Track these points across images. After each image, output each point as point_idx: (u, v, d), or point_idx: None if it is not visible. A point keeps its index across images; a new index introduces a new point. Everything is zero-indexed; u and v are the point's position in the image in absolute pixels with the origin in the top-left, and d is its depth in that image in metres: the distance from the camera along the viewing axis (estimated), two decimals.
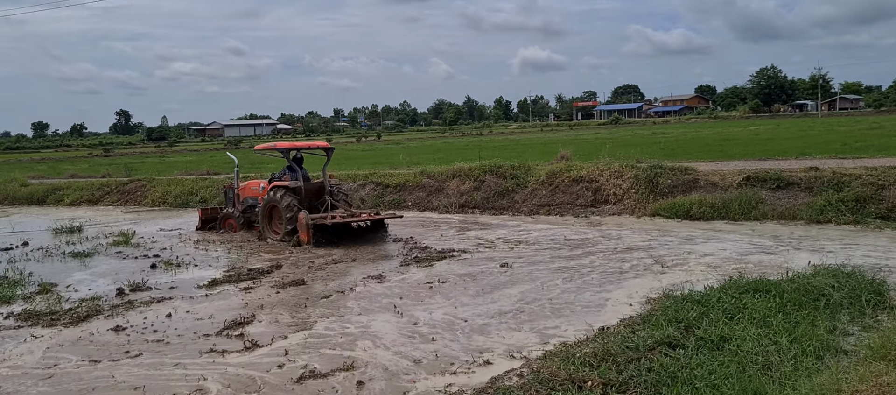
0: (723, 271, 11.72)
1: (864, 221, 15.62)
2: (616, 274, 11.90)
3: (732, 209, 17.21)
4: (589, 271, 12.26)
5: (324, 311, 10.29)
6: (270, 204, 16.58)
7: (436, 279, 12.07)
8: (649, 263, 12.62)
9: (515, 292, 11.07)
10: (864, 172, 17.13)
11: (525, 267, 12.90)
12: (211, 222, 18.88)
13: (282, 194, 16.29)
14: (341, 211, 16.62)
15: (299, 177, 16.73)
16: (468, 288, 11.45)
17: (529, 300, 10.53)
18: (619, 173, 19.87)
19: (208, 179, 27.37)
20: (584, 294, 10.78)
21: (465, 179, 21.98)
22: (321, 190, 17.07)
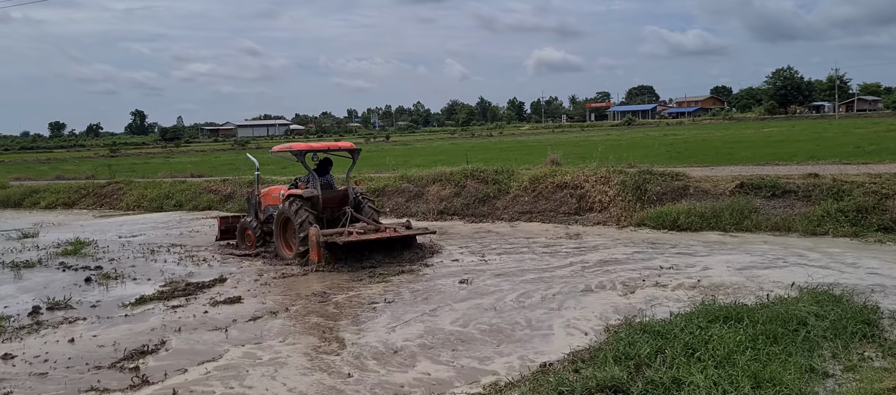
0: (699, 291, 10.54)
1: (864, 233, 14.36)
2: (578, 294, 10.75)
3: (723, 219, 15.98)
4: (550, 288, 11.12)
5: (243, 335, 9.25)
6: (283, 216, 14.47)
7: (386, 297, 11.03)
8: (620, 281, 11.44)
9: (465, 311, 10.03)
10: (868, 179, 15.85)
11: (487, 281, 11.84)
12: (231, 232, 16.69)
13: (295, 206, 14.05)
14: (363, 225, 14.13)
15: (316, 183, 14.45)
16: (416, 307, 10.43)
17: (477, 322, 9.49)
18: (606, 179, 18.67)
19: (186, 182, 26.37)
20: (538, 315, 9.68)
21: (445, 184, 20.89)
22: (343, 200, 14.75)
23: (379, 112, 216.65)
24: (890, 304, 9.51)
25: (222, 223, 16.88)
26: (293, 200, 14.15)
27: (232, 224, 16.77)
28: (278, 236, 14.63)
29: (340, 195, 14.75)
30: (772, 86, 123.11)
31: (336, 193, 14.78)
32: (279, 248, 14.57)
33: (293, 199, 14.17)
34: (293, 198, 14.20)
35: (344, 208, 14.55)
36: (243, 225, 16.03)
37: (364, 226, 14.03)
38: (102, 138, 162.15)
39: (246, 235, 15.94)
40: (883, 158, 22.27)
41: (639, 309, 9.66)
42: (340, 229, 13.78)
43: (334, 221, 14.50)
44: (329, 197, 14.54)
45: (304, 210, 13.93)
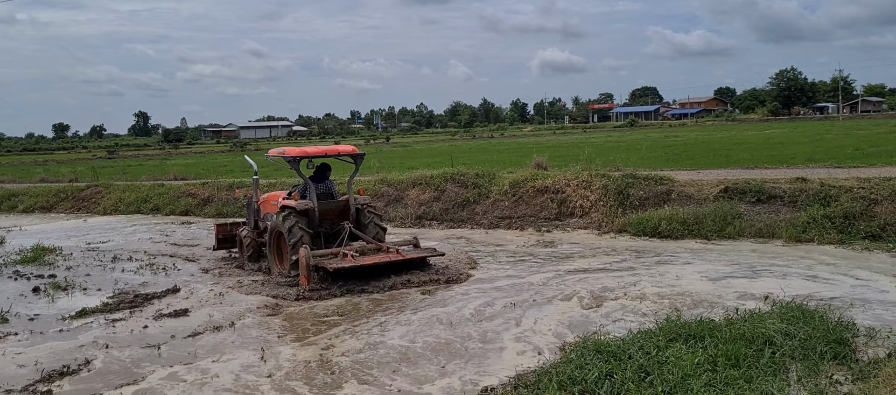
0: (667, 304, 9.94)
1: (850, 240, 13.74)
2: (540, 307, 10.17)
3: (705, 226, 15.35)
4: (513, 300, 10.52)
5: (176, 353, 8.70)
6: (276, 231, 12.77)
7: (342, 308, 10.50)
8: (588, 293, 10.83)
9: (419, 324, 9.53)
10: (856, 183, 15.21)
11: (449, 292, 11.25)
12: (230, 241, 15.13)
13: (289, 221, 12.29)
14: (362, 244, 12.60)
15: (312, 193, 12.76)
16: (370, 319, 9.89)
17: (428, 336, 8.95)
18: (588, 184, 18.05)
19: (165, 185, 25.83)
20: (494, 328, 9.14)
21: (425, 189, 20.30)
22: (344, 211, 13.06)
23: (382, 113, 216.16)
24: (868, 319, 8.91)
25: (220, 231, 15.24)
26: (287, 213, 12.45)
27: (231, 232, 15.15)
28: (271, 249, 13.00)
29: (341, 206, 13.06)
30: (775, 87, 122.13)
31: (336, 203, 13.06)
32: (271, 262, 13.02)
33: (287, 212, 12.46)
34: (287, 211, 12.50)
35: (342, 223, 12.88)
36: (239, 236, 14.42)
37: (363, 245, 12.51)
38: (105, 140, 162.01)
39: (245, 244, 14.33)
40: (881, 162, 21.61)
41: (600, 325, 9.09)
42: (334, 250, 12.19)
43: (332, 237, 12.93)
44: (327, 208, 12.88)
45: (299, 227, 12.19)
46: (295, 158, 12.83)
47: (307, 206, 12.56)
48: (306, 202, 12.59)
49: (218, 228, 15.31)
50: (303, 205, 12.53)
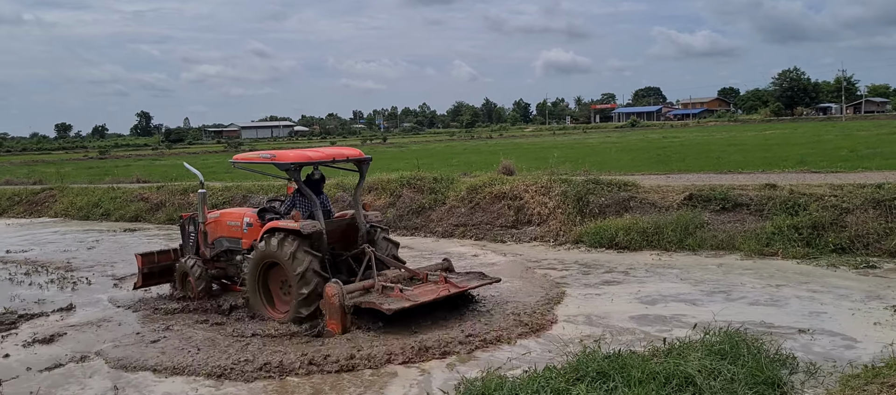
0: (589, 332, 8.79)
1: (816, 255, 12.57)
2: (446, 334, 8.99)
3: (665, 236, 14.20)
4: (419, 326, 9.35)
5: (12, 391, 7.61)
6: (267, 259, 9.70)
7: (221, 330, 9.42)
8: (508, 317, 9.65)
9: (302, 349, 8.43)
10: (829, 191, 14.01)
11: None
12: (161, 276, 11.87)
13: (291, 247, 9.27)
14: (397, 272, 9.98)
15: (317, 210, 9.79)
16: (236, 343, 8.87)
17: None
18: (546, 189, 16.91)
19: (119, 189, 24.76)
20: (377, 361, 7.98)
21: (381, 194, 19.21)
22: (350, 232, 10.24)
23: (385, 114, 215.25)
24: (815, 350, 7.79)
25: (145, 263, 11.70)
26: (284, 237, 9.36)
27: (160, 264, 11.83)
28: (256, 289, 9.92)
29: (344, 226, 10.21)
30: (778, 87, 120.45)
31: (341, 223, 10.23)
32: (258, 305, 9.95)
33: (284, 236, 9.38)
34: (286, 235, 9.37)
35: (355, 244, 10.15)
36: (181, 268, 11.32)
37: (399, 274, 9.88)
38: (106, 140, 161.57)
39: (187, 282, 11.27)
40: (874, 165, 20.46)
41: (507, 360, 7.95)
42: (365, 284, 9.37)
43: (339, 265, 10.10)
44: (334, 229, 10.01)
45: (305, 253, 9.23)
46: (296, 164, 9.67)
47: (316, 228, 9.36)
48: (313, 223, 9.40)
49: (143, 260, 11.71)
50: (310, 227, 9.31)
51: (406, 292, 9.07)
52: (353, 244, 10.16)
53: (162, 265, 11.85)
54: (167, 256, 11.96)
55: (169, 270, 11.70)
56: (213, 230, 11.28)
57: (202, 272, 11.06)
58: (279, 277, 9.80)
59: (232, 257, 11.00)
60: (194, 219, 11.70)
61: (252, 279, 9.95)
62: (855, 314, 8.91)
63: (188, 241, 11.84)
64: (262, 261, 9.75)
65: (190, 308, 10.59)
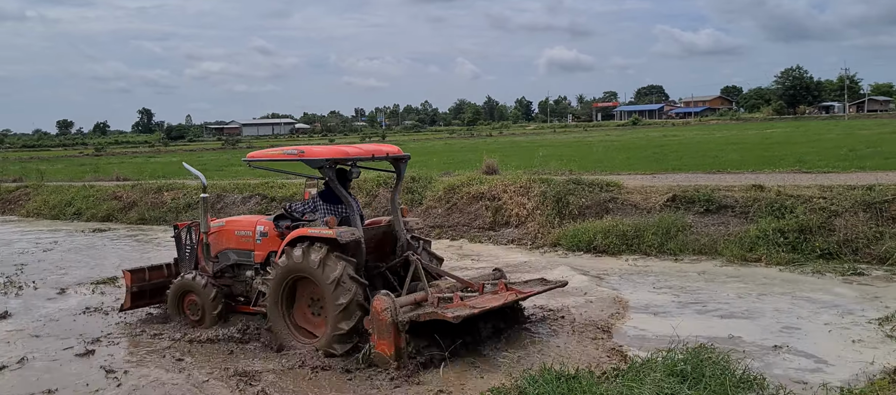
0: (539, 352, 8.07)
1: (802, 261, 11.89)
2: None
3: (646, 240, 13.53)
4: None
5: None
6: (292, 276, 8.19)
7: (154, 344, 8.71)
8: None
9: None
10: (818, 192, 13.32)
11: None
12: (152, 296, 10.22)
13: (325, 258, 7.77)
14: (452, 283, 8.65)
15: (355, 215, 8.40)
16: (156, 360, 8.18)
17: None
18: (525, 190, 16.24)
19: (93, 187, 24.11)
20: None
21: (356, 193, 18.45)
22: (389, 241, 8.92)
23: (386, 111, 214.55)
24: (790, 368, 7.12)
25: (134, 281, 10.06)
26: (315, 246, 7.87)
27: (152, 282, 10.21)
28: (279, 311, 8.31)
29: (380, 234, 8.84)
30: (781, 86, 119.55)
31: (378, 230, 8.88)
32: (282, 330, 8.29)
33: (311, 244, 7.92)
34: (313, 243, 7.91)
35: (394, 254, 8.82)
36: (182, 286, 9.55)
37: (453, 284, 8.57)
38: (107, 137, 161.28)
39: (190, 301, 9.49)
40: (872, 165, 19.75)
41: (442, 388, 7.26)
42: (417, 296, 7.87)
43: (375, 278, 8.63)
44: (373, 238, 8.68)
45: (337, 258, 7.76)
46: (330, 161, 8.14)
47: (354, 236, 7.98)
48: (351, 230, 8.03)
49: (131, 276, 10.05)
50: (348, 234, 7.89)
51: (467, 300, 7.86)
52: (389, 256, 8.79)
53: (154, 283, 10.19)
54: (160, 272, 10.33)
55: (162, 288, 9.98)
56: (217, 241, 9.57)
57: (217, 293, 9.26)
58: (307, 294, 8.22)
59: (240, 272, 9.35)
60: (192, 228, 10.04)
61: (275, 301, 8.25)
62: (832, 331, 8.22)
63: (185, 253, 10.11)
64: (287, 277, 8.14)
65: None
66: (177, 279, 9.68)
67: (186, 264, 10.06)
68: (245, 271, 9.29)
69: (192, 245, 10.00)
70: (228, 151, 76.59)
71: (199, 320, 9.31)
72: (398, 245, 8.77)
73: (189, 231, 10.10)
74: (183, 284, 9.53)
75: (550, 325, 8.83)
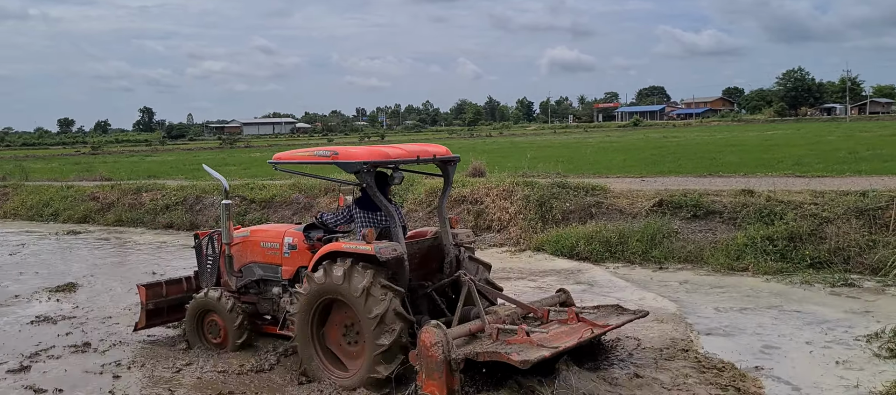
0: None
1: (790, 270, 11.34)
2: None
3: (630, 246, 12.99)
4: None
5: None
6: (326, 296, 7.11)
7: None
8: None
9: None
10: (809, 198, 12.77)
11: None
12: (169, 313, 9.31)
13: (360, 276, 6.77)
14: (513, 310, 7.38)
15: (397, 228, 7.22)
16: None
17: None
18: (509, 193, 15.71)
19: (72, 187, 23.60)
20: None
21: (337, 195, 17.96)
22: (436, 256, 7.78)
23: (388, 111, 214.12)
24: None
25: (150, 296, 9.12)
26: (352, 265, 6.84)
27: (169, 298, 9.27)
28: (311, 339, 7.25)
29: (425, 248, 7.75)
30: (782, 87, 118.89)
31: (419, 244, 7.74)
32: (314, 362, 7.23)
33: (351, 263, 6.86)
34: (350, 261, 6.87)
35: (441, 270, 7.69)
36: (202, 304, 8.53)
37: (514, 312, 7.31)
38: (108, 135, 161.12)
39: (211, 321, 8.51)
40: (869, 168, 19.23)
41: None
42: (473, 325, 6.80)
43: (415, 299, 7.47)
44: (417, 252, 7.61)
45: (383, 288, 6.73)
46: (369, 164, 7.08)
47: (397, 253, 6.91)
48: (393, 246, 6.95)
49: (147, 291, 9.10)
50: (390, 251, 6.84)
51: (535, 335, 6.45)
52: (435, 273, 7.71)
53: (171, 299, 9.25)
54: (179, 286, 9.42)
55: (181, 304, 8.97)
56: (240, 253, 8.58)
57: (242, 316, 8.24)
58: (342, 319, 7.15)
59: (266, 288, 8.38)
60: (213, 238, 8.96)
61: (303, 326, 7.20)
62: (813, 352, 7.64)
63: (206, 267, 9.08)
64: (319, 300, 7.12)
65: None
66: (196, 296, 8.66)
67: (207, 278, 9.01)
68: (271, 288, 8.29)
69: (215, 257, 8.90)
70: (226, 149, 76.27)
71: (220, 342, 8.36)
72: (446, 261, 7.60)
73: (211, 241, 8.99)
74: (202, 302, 8.49)
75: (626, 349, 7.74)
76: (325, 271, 6.94)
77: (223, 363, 7.83)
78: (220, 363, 7.82)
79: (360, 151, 7.33)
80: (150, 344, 8.92)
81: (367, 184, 7.08)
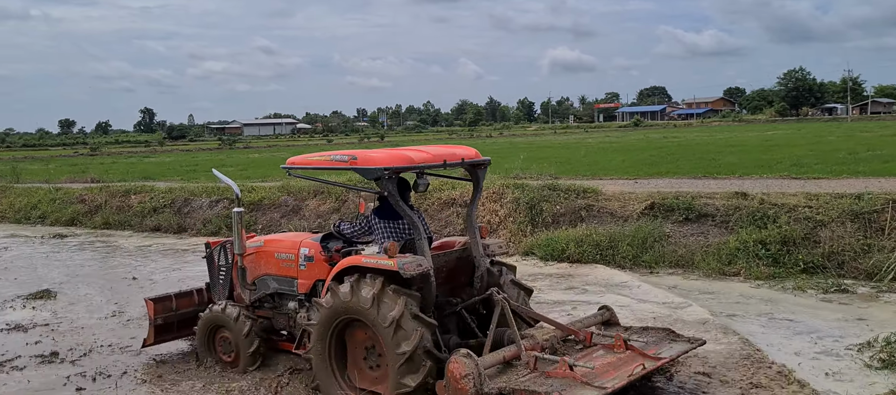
0: None
1: (783, 275, 11.08)
2: None
3: (621, 250, 12.71)
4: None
5: None
6: (344, 316, 6.51)
7: None
8: None
9: None
10: (804, 200, 12.49)
11: None
12: (180, 328, 8.72)
13: (387, 300, 6.19)
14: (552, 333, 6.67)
15: (422, 239, 6.62)
16: None
17: None
18: (498, 196, 15.44)
19: (59, 190, 23.36)
20: None
21: (325, 198, 17.76)
22: (465, 269, 7.15)
23: (388, 111, 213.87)
24: None
25: (158, 311, 8.51)
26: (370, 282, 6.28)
27: (180, 311, 8.69)
28: (328, 361, 6.68)
29: (453, 261, 7.09)
30: (783, 87, 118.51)
31: (446, 256, 7.07)
32: (331, 386, 6.69)
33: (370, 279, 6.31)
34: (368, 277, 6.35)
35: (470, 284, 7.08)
36: (212, 319, 8.00)
37: (553, 335, 6.59)
38: (109, 136, 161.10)
39: (219, 340, 8.02)
40: (867, 170, 18.91)
41: None
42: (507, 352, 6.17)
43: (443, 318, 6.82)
44: (444, 265, 6.95)
45: (414, 318, 6.13)
46: (390, 170, 6.43)
47: (422, 268, 6.28)
48: (418, 260, 6.32)
49: (155, 305, 8.50)
50: (414, 266, 6.23)
51: (579, 370, 5.72)
52: (464, 288, 7.10)
53: (182, 313, 8.66)
54: (189, 299, 8.82)
55: (192, 318, 8.41)
56: (254, 265, 7.98)
57: (251, 330, 7.67)
58: (364, 339, 6.51)
59: (282, 302, 7.79)
60: (226, 247, 8.35)
61: (321, 347, 6.62)
62: (802, 363, 7.34)
63: (219, 278, 8.51)
64: (336, 319, 6.50)
65: None
66: (210, 309, 8.09)
67: (220, 290, 8.43)
68: (287, 302, 7.69)
69: (227, 268, 8.32)
70: (225, 150, 76.03)
71: (231, 361, 7.83)
72: (477, 275, 6.98)
73: (223, 251, 8.41)
74: (212, 317, 7.95)
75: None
76: (353, 289, 6.26)
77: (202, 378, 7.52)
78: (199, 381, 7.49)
79: (380, 155, 6.64)
80: (120, 355, 8.64)
81: (389, 192, 6.46)
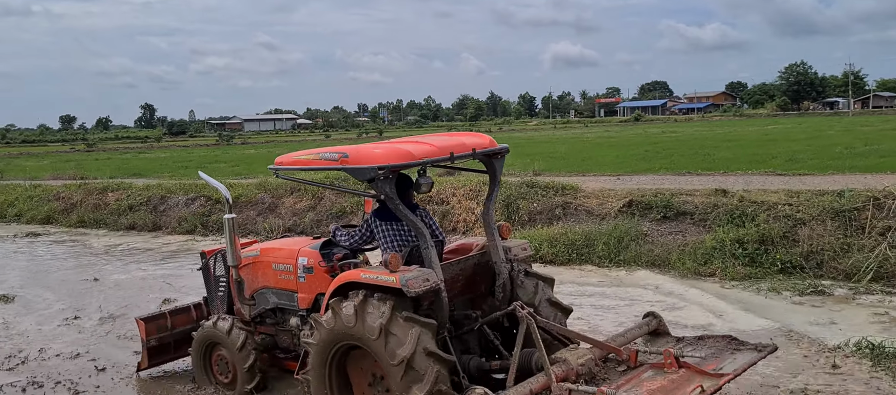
0: None
1: (760, 275, 10.69)
2: None
3: (596, 249, 12.33)
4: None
5: None
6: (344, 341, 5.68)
7: None
8: None
9: None
10: (784, 198, 12.09)
11: None
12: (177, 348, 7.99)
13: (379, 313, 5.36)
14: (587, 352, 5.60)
15: (429, 247, 5.66)
16: None
17: None
18: (475, 193, 15.07)
19: (37, 187, 23.03)
20: None
21: (302, 196, 17.40)
22: (484, 276, 6.28)
23: (389, 106, 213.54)
24: None
25: (151, 331, 7.81)
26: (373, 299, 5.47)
27: (176, 330, 7.95)
28: (325, 381, 5.85)
29: (470, 268, 6.22)
30: (785, 81, 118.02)
31: (461, 263, 6.17)
32: None
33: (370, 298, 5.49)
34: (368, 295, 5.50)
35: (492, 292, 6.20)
36: (206, 337, 7.28)
37: (590, 356, 5.55)
38: (110, 132, 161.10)
39: (215, 359, 7.32)
40: (861, 165, 18.60)
41: None
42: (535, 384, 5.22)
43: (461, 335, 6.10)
44: (460, 273, 6.11)
45: (406, 320, 5.33)
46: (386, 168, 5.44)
47: (429, 283, 5.45)
48: (425, 274, 5.48)
49: (147, 326, 7.79)
50: (420, 282, 5.39)
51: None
52: (484, 297, 6.24)
53: (178, 332, 7.88)
54: (186, 316, 8.02)
55: (189, 337, 7.57)
56: (251, 277, 7.13)
57: (245, 343, 6.93)
58: (368, 367, 5.73)
59: (284, 318, 6.95)
60: (223, 257, 7.46)
61: (320, 375, 5.80)
62: (768, 368, 6.97)
63: (217, 291, 7.69)
64: (336, 345, 5.69)
65: None
66: (200, 328, 7.36)
67: (217, 304, 7.64)
68: (289, 318, 6.85)
69: (226, 280, 7.49)
70: (222, 146, 75.79)
71: (230, 383, 7.12)
72: (497, 283, 6.05)
73: (219, 260, 7.60)
74: (205, 334, 7.22)
75: None
76: (357, 313, 5.39)
77: None
78: None
79: (377, 150, 5.70)
80: (59, 364, 8.29)
81: (386, 194, 5.54)
